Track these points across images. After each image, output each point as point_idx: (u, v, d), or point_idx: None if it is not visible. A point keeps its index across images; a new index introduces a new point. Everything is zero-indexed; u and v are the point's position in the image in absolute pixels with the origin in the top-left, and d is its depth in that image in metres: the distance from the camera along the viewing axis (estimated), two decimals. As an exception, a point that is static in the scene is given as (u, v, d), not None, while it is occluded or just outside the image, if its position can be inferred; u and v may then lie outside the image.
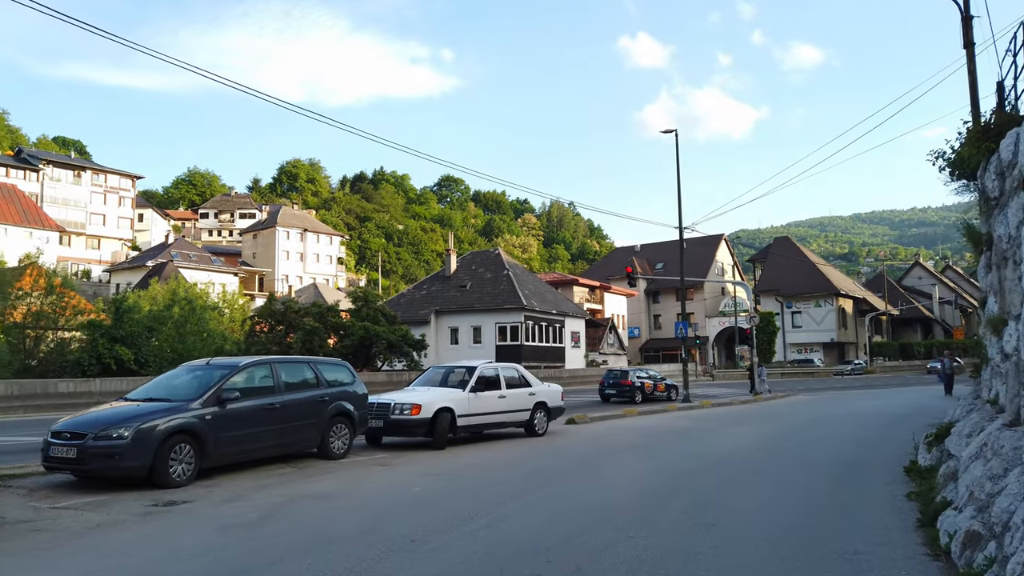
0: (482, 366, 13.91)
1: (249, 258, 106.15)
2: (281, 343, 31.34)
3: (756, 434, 14.53)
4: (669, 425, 17.29)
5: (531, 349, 43.54)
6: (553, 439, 14.04)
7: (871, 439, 13.10)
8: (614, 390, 28.93)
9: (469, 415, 13.04)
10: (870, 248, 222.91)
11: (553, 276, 68.65)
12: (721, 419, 19.14)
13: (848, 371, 59.41)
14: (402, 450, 12.32)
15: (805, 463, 9.97)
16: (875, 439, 13.05)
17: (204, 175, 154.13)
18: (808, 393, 34.82)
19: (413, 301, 46.72)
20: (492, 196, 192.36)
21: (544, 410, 14.83)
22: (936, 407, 21.08)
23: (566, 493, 7.87)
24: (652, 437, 14.18)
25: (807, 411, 21.95)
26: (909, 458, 9.48)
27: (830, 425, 16.51)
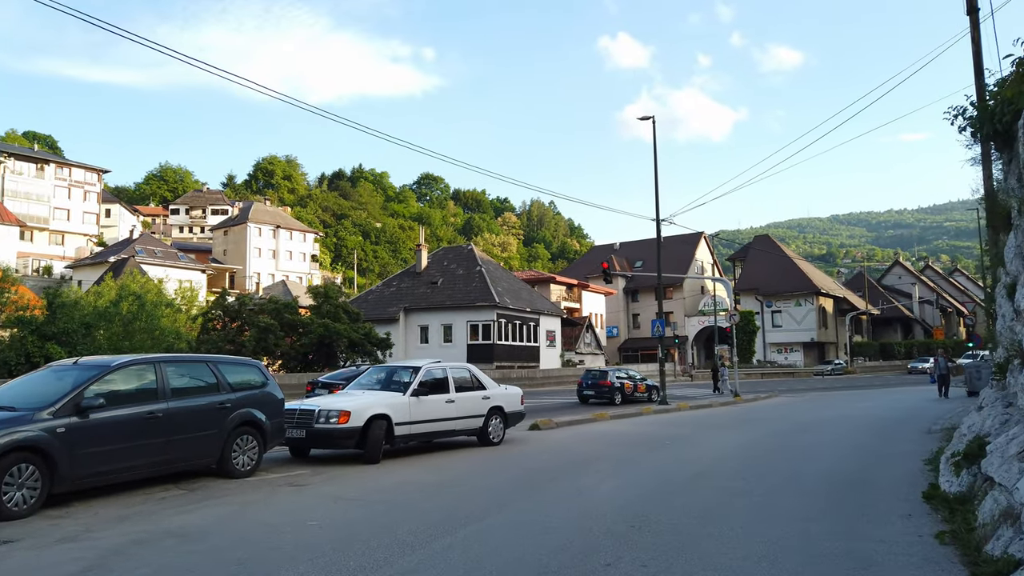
0: (427, 366, 12.15)
1: (220, 255, 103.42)
2: (234, 341, 29.36)
3: (738, 443, 12.91)
4: (642, 431, 15.65)
5: (504, 348, 41.83)
6: (509, 449, 12.31)
7: (869, 449, 11.54)
8: (593, 391, 27.41)
9: (410, 423, 11.27)
10: (848, 249, 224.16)
11: (530, 274, 66.99)
12: (699, 424, 17.53)
13: (828, 371, 58.40)
14: (328, 464, 10.54)
15: (797, 483, 8.32)
16: (874, 449, 11.50)
17: (176, 171, 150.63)
18: (790, 394, 33.45)
19: (382, 298, 44.81)
20: (472, 195, 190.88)
21: (500, 416, 13.10)
22: (931, 410, 19.68)
23: (499, 533, 6.14)
24: (621, 447, 12.51)
25: (792, 414, 20.44)
26: (926, 479, 7.90)
27: (820, 431, 14.96)
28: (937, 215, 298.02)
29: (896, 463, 9.79)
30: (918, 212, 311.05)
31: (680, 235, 76.65)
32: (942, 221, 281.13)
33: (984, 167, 11.15)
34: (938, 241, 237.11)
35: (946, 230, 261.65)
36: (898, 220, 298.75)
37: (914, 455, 10.39)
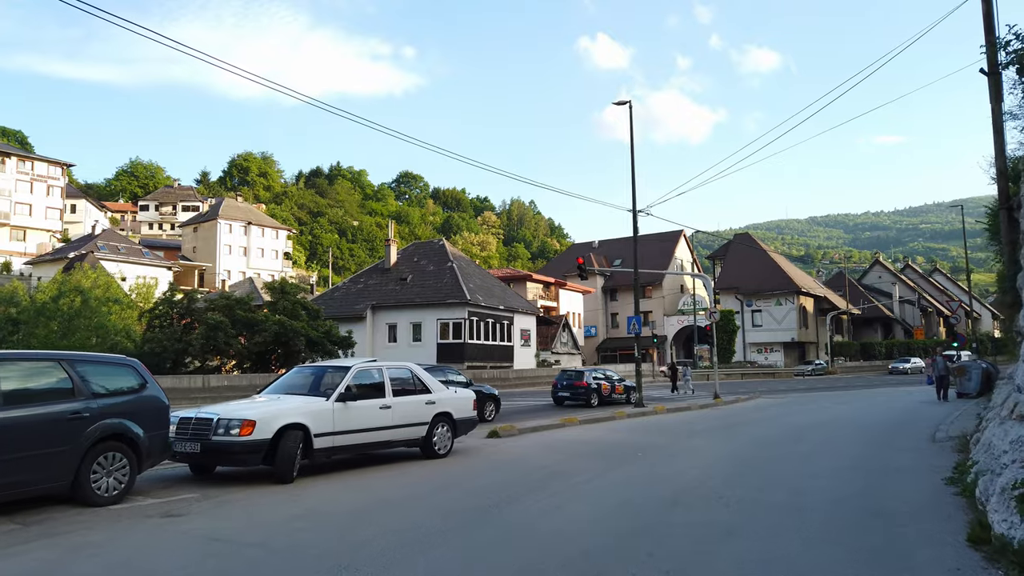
0: (358, 366, 10.34)
1: (189, 252, 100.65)
2: (181, 339, 27.26)
3: (719, 454, 11.24)
4: (614, 440, 13.96)
5: (476, 348, 40.04)
6: (455, 464, 10.54)
7: (873, 463, 9.92)
8: (568, 392, 25.83)
9: (334, 433, 9.46)
10: (826, 251, 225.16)
11: (506, 272, 65.27)
12: (677, 430, 15.89)
13: (809, 371, 57.32)
14: (230, 484, 8.70)
15: (798, 516, 6.57)
16: (879, 463, 9.87)
17: (147, 166, 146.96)
18: (771, 396, 32.04)
19: (349, 295, 42.81)
20: (452, 193, 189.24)
21: (448, 423, 11.33)
22: (927, 413, 18.22)
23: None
24: (586, 459, 10.78)
25: (777, 418, 18.87)
26: (958, 508, 6.27)
27: (810, 439, 13.36)
28: (913, 217, 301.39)
29: (909, 481, 8.16)
30: (894, 214, 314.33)
31: (659, 233, 75.43)
32: (918, 223, 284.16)
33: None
34: (914, 243, 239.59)
35: (922, 232, 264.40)
36: (875, 222, 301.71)
37: (928, 471, 8.79)
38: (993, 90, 11.98)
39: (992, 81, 12.02)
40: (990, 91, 12.06)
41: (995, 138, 11.89)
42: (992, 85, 12.01)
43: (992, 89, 12.00)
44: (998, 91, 11.96)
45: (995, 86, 11.97)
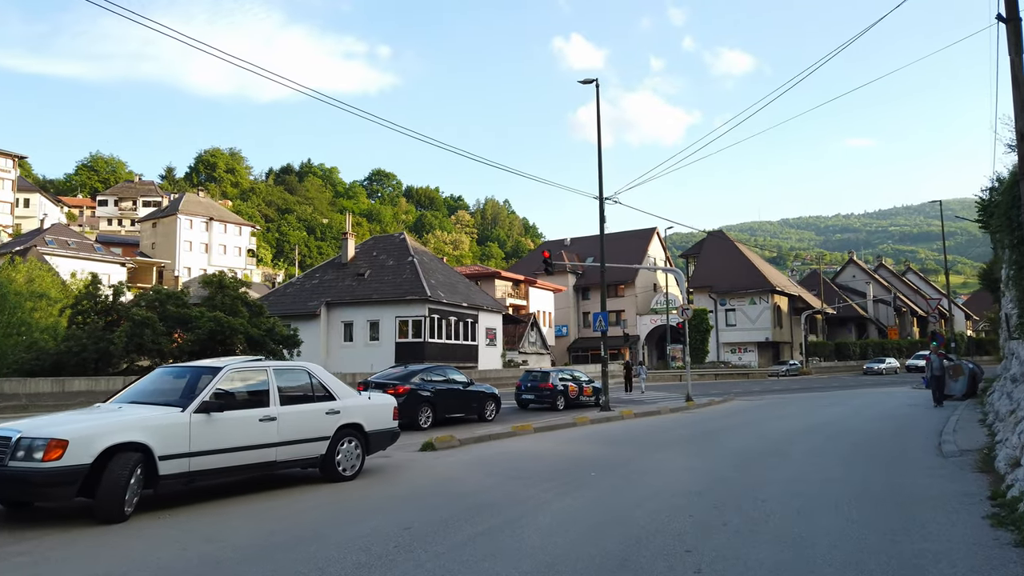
0: (232, 367, 8.10)
1: (148, 249, 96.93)
2: (101, 338, 24.62)
3: (689, 476, 9.18)
4: (569, 452, 11.90)
5: (437, 347, 37.79)
6: (358, 490, 8.34)
7: (879, 489, 7.91)
8: (532, 395, 23.89)
9: (192, 454, 7.22)
10: (797, 252, 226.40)
11: (473, 269, 63.11)
12: (644, 440, 13.87)
13: (784, 372, 55.99)
14: (45, 524, 6.43)
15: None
16: (886, 489, 7.85)
17: (108, 161, 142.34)
18: (746, 397, 30.29)
19: (302, 291, 40.26)
20: (425, 192, 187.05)
21: (357, 437, 9.14)
22: (921, 419, 16.41)
23: None
24: (527, 482, 8.67)
25: (754, 425, 16.95)
26: None
27: (797, 452, 11.39)
28: (883, 220, 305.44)
29: (940, 522, 6.12)
30: (864, 217, 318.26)
31: (633, 231, 73.81)
32: (887, 226, 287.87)
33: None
34: (883, 245, 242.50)
35: (891, 234, 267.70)
36: (845, 224, 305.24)
37: (957, 502, 6.82)
38: (1013, 39, 10.13)
39: (1011, 29, 10.17)
40: (1009, 41, 10.21)
41: (1014, 94, 10.03)
42: (1011, 33, 10.17)
43: (1011, 38, 10.15)
44: (1017, 40, 10.11)
45: (1015, 34, 10.12)
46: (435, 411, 17.15)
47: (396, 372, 18.37)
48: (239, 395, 7.95)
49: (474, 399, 18.76)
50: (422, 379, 17.50)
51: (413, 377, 17.43)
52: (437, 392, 17.44)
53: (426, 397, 16.98)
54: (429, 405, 16.99)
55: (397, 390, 16.44)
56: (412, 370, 18.16)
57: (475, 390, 18.97)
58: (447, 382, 18.26)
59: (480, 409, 18.85)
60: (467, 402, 18.52)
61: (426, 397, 16.98)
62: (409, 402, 16.36)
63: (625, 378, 35.70)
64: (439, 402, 17.32)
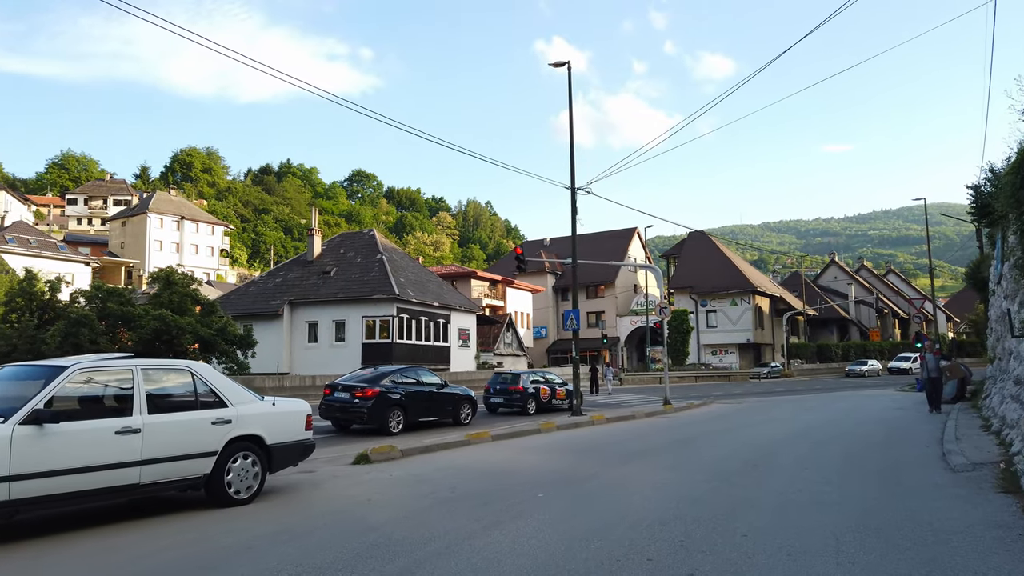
0: (80, 366, 6.46)
1: (117, 248, 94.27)
2: (34, 338, 22.71)
3: (659, 494, 7.68)
4: (523, 466, 10.39)
5: (406, 348, 36.12)
6: (247, 518, 6.73)
7: (894, 517, 6.42)
8: (501, 399, 22.72)
9: (13, 477, 5.60)
10: (778, 255, 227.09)
11: (449, 268, 61.50)
12: (612, 450, 12.38)
13: (765, 374, 54.91)
14: None
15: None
16: (903, 518, 6.35)
17: (80, 159, 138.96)
18: (727, 400, 28.99)
19: (264, 290, 38.41)
20: (406, 193, 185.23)
21: (256, 452, 7.54)
22: (914, 425, 15.04)
23: None
24: (464, 505, 7.13)
25: (734, 431, 15.52)
26: None
27: (783, 465, 9.94)
28: (862, 224, 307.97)
29: (974, 573, 4.66)
30: (844, 221, 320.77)
31: (613, 231, 72.56)
32: (866, 230, 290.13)
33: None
34: (863, 248, 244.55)
35: (870, 238, 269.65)
36: (825, 228, 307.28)
37: (987, 537, 5.36)
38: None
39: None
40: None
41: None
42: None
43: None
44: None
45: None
46: (406, 415, 16.20)
47: (365, 374, 17.19)
48: (89, 402, 6.32)
49: (448, 402, 17.81)
50: (392, 381, 16.44)
51: (383, 379, 16.35)
52: (408, 395, 16.48)
53: (396, 400, 16.01)
54: (400, 408, 16.03)
55: (366, 393, 15.54)
56: (382, 372, 16.94)
57: (450, 393, 17.96)
58: (419, 384, 17.24)
59: (455, 412, 17.91)
60: (441, 405, 17.58)
61: (396, 400, 16.01)
62: (378, 405, 15.46)
63: (591, 380, 35.18)
64: (411, 405, 16.40)
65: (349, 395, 16.12)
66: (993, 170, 19.49)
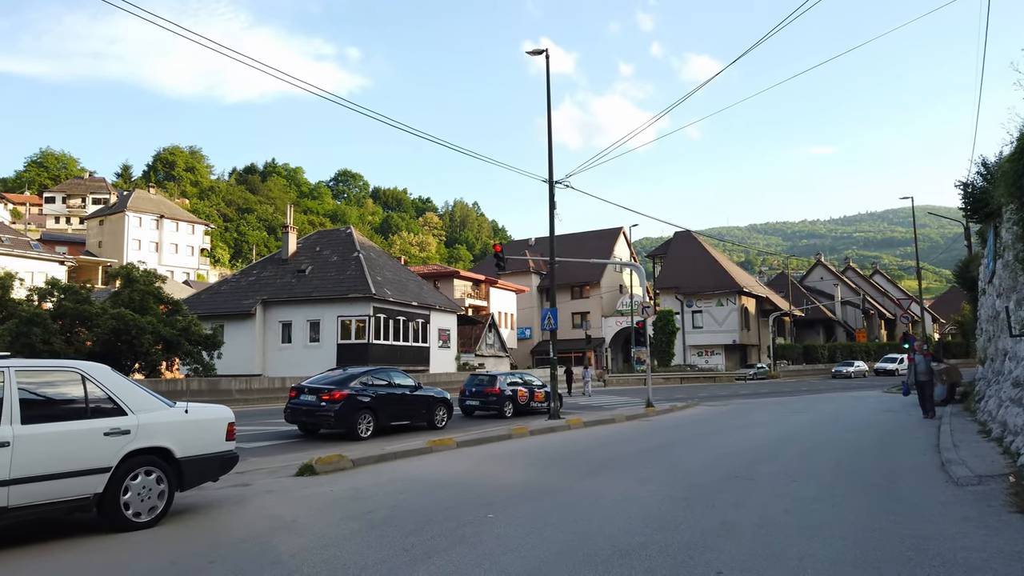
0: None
1: (95, 247, 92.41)
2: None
3: (625, 514, 6.73)
4: (484, 478, 9.44)
5: (383, 349, 35.05)
6: (133, 549, 5.72)
7: (897, 547, 5.53)
8: (477, 401, 21.90)
9: None
10: (764, 257, 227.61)
11: (432, 268, 60.44)
12: (584, 458, 11.45)
13: (751, 375, 54.24)
14: None
15: None
16: (893, 542, 5.49)
17: (60, 157, 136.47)
18: (711, 402, 28.19)
19: (237, 289, 37.21)
20: (392, 193, 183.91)
21: (161, 467, 6.51)
22: (904, 429, 14.23)
23: None
24: (397, 531, 6.16)
25: (718, 436, 14.64)
26: None
27: (768, 476, 9.03)
28: (847, 226, 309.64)
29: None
30: (830, 223, 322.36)
31: (599, 230, 71.75)
32: (851, 232, 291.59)
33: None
34: (848, 250, 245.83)
35: (855, 240, 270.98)
36: (811, 230, 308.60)
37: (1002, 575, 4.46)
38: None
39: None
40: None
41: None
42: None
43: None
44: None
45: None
46: (377, 418, 15.41)
47: (333, 376, 16.27)
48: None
49: (422, 405, 16.99)
50: (362, 383, 15.62)
51: (352, 381, 15.50)
52: (379, 397, 15.67)
53: (366, 403, 15.21)
54: (370, 412, 15.24)
55: (333, 395, 14.73)
56: (351, 373, 16.04)
57: (424, 395, 17.12)
58: (391, 386, 16.43)
59: (430, 416, 17.11)
60: (414, 408, 16.77)
61: (366, 403, 15.21)
62: (346, 409, 14.69)
63: (566, 381, 34.97)
64: (382, 408, 15.61)
65: (315, 398, 15.21)
66: (986, 164, 18.72)
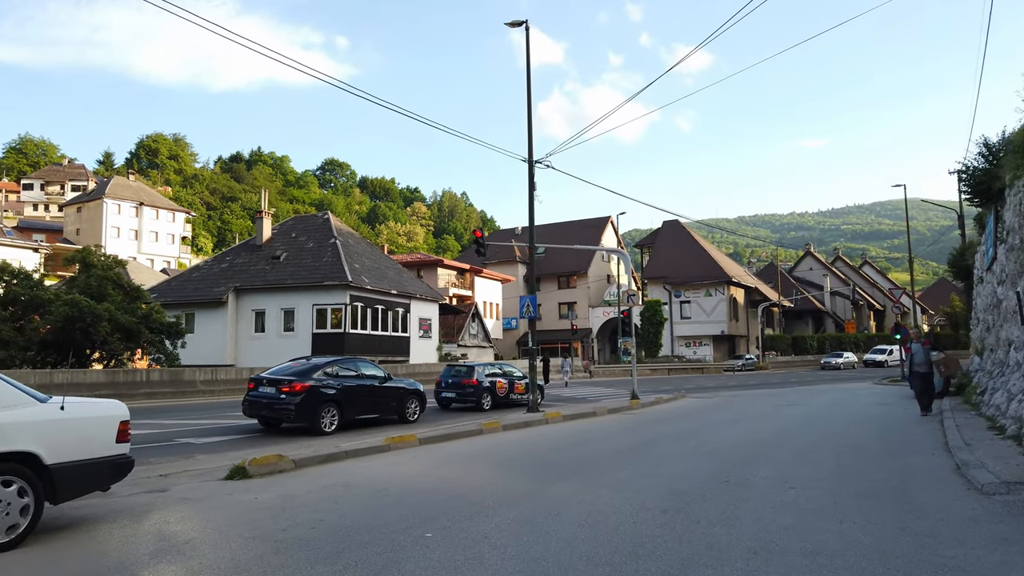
0: None
1: (72, 235, 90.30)
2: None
3: (591, 532, 5.61)
4: (439, 482, 8.31)
5: (361, 339, 33.81)
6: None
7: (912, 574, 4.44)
8: (453, 393, 20.80)
9: None
10: (753, 249, 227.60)
11: (415, 256, 59.17)
12: (556, 458, 10.35)
13: (739, 367, 53.43)
14: None
15: None
16: (923, 573, 4.41)
17: (39, 143, 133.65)
18: (699, 394, 27.24)
19: (208, 276, 35.81)
20: (380, 183, 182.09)
21: (25, 476, 5.31)
22: (905, 425, 13.18)
23: None
24: (307, 558, 5.00)
25: (706, 432, 13.57)
26: None
27: (760, 482, 7.94)
28: (835, 218, 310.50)
29: None
30: (818, 215, 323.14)
31: (586, 219, 70.64)
32: (839, 224, 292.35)
33: None
34: (836, 243, 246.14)
35: (843, 232, 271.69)
36: (800, 222, 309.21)
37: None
38: None
39: None
40: None
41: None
42: None
43: None
44: None
45: None
46: (342, 412, 14.42)
47: (295, 366, 15.12)
48: None
49: (393, 397, 15.99)
50: (327, 374, 14.60)
51: (315, 372, 14.45)
52: (345, 389, 14.66)
53: (331, 396, 14.21)
54: (334, 405, 14.26)
55: (294, 387, 13.72)
56: (315, 364, 14.93)
57: (394, 387, 16.09)
58: (359, 377, 15.39)
59: (401, 409, 16.13)
60: (384, 401, 15.78)
61: (331, 396, 14.21)
62: (308, 402, 13.70)
63: (543, 371, 33.83)
64: (348, 401, 14.62)
65: (275, 390, 14.08)
66: (988, 144, 17.67)
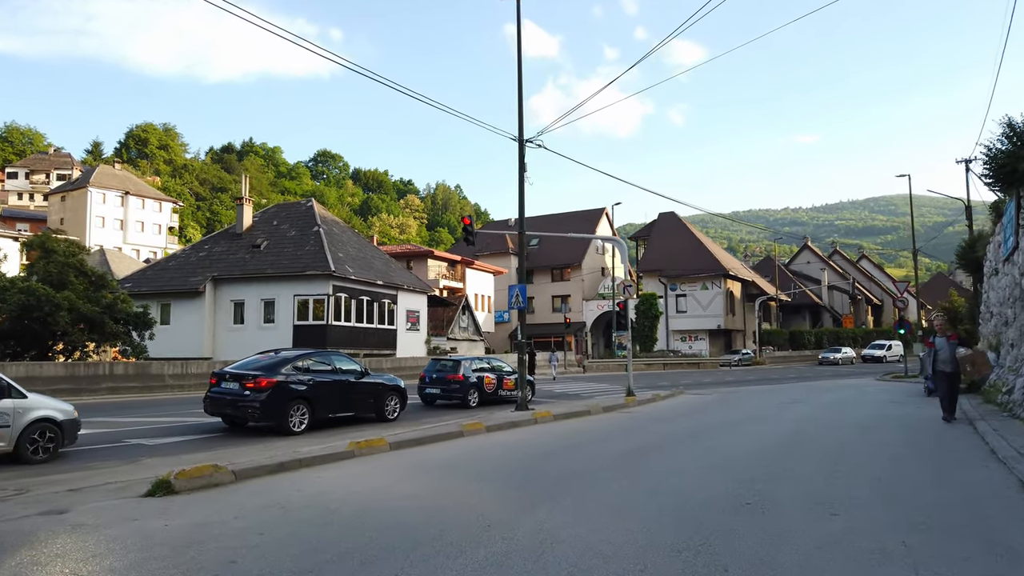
0: None
1: (57, 224, 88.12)
2: None
3: None
4: (396, 504, 7.00)
5: (344, 331, 32.38)
6: None
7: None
8: (438, 388, 19.58)
9: None
10: (747, 244, 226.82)
11: (405, 248, 57.68)
12: (541, 468, 9.01)
13: (736, 362, 52.27)
14: None
15: None
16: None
17: (25, 132, 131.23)
18: (696, 390, 26.02)
19: (185, 265, 34.29)
20: (373, 175, 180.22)
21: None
22: (931, 427, 11.81)
23: None
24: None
25: (708, 436, 12.25)
26: None
27: (789, 501, 6.61)
28: (829, 214, 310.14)
29: None
30: (812, 211, 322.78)
31: (581, 211, 69.23)
32: (833, 220, 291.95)
33: None
34: (830, 238, 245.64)
35: (837, 228, 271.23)
36: (794, 218, 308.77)
37: None
38: None
39: None
40: None
41: None
42: None
43: None
44: None
45: None
46: (314, 410, 13.22)
47: (262, 360, 13.80)
48: None
49: (370, 394, 14.76)
50: (297, 368, 13.38)
51: (284, 366, 13.21)
52: (317, 385, 13.45)
53: (300, 392, 13.00)
54: (304, 402, 13.04)
55: (259, 383, 12.48)
56: (284, 357, 13.60)
57: (372, 382, 14.84)
58: (333, 372, 14.17)
59: (379, 406, 14.92)
60: (360, 398, 14.54)
61: (300, 392, 13.00)
62: (275, 399, 12.51)
63: (528, 364, 32.73)
64: (319, 398, 13.41)
65: (239, 386, 12.74)
66: (1012, 124, 16.33)
